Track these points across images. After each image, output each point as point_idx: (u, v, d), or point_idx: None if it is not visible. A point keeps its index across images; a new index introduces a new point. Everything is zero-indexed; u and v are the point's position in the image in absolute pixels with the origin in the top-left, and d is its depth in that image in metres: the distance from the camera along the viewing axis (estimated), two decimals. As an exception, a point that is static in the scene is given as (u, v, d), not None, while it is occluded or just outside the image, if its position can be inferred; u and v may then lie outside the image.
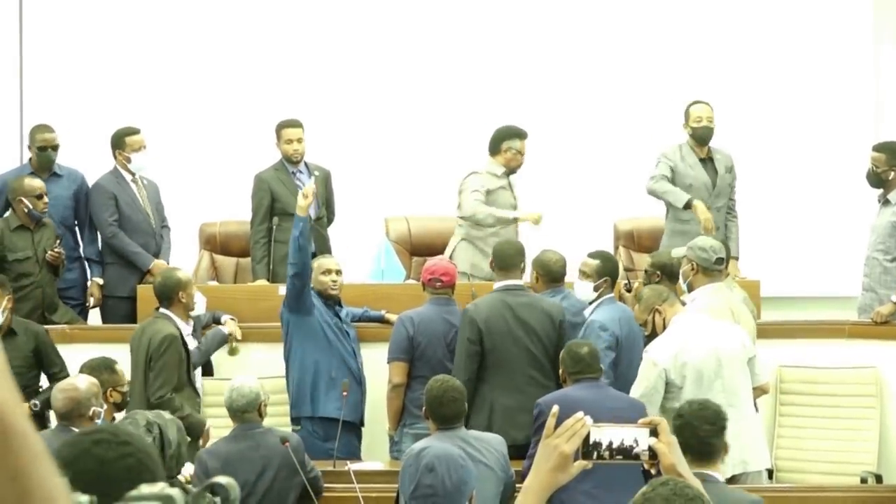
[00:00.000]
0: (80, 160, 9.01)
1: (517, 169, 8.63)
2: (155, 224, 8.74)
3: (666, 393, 6.64)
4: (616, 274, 7.69)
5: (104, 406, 5.93)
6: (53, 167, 8.69)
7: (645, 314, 6.96)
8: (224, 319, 7.99)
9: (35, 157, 8.73)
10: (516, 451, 6.38)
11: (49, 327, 7.99)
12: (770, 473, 7.24)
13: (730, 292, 7.31)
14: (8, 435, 1.26)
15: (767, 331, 7.84)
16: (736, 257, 8.67)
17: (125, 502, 1.58)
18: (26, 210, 8.31)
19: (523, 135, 8.62)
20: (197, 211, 9.55)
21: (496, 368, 7.27)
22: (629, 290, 7.78)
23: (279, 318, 7.68)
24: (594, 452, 2.74)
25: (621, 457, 2.76)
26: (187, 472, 6.32)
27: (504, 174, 8.56)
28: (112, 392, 6.20)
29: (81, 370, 6.30)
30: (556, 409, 2.74)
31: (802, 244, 10.11)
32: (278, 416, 7.48)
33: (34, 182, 8.42)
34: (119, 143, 8.71)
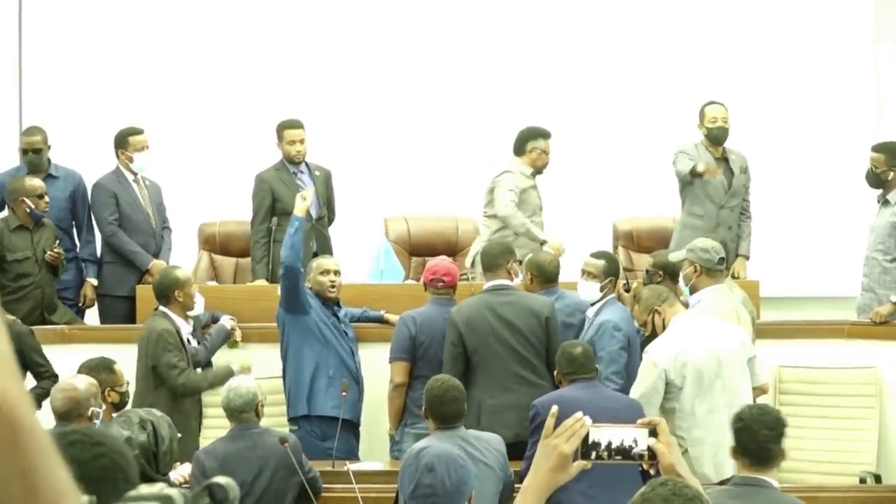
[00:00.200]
0: (80, 160, 9.00)
1: (543, 169, 8.71)
2: (155, 225, 8.73)
3: (666, 393, 6.64)
4: (618, 274, 7.70)
5: (103, 406, 5.92)
6: (43, 169, 8.66)
7: (644, 315, 6.95)
8: (224, 319, 7.99)
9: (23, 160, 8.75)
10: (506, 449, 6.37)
11: (48, 327, 7.98)
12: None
13: (730, 293, 7.31)
14: (16, 429, 1.25)
15: (767, 331, 7.84)
16: (747, 257, 8.71)
17: (125, 502, 1.58)
18: (28, 210, 8.30)
19: (547, 134, 8.69)
20: (196, 211, 9.55)
21: (482, 368, 7.28)
22: (628, 291, 7.78)
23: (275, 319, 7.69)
24: (593, 452, 2.73)
25: (620, 457, 2.76)
26: (185, 472, 6.33)
27: (532, 174, 8.61)
28: (110, 392, 6.19)
29: (80, 370, 6.28)
30: (556, 410, 2.74)
31: (802, 244, 10.10)
32: (277, 417, 7.48)
33: (35, 182, 8.41)
34: (122, 143, 8.71)
